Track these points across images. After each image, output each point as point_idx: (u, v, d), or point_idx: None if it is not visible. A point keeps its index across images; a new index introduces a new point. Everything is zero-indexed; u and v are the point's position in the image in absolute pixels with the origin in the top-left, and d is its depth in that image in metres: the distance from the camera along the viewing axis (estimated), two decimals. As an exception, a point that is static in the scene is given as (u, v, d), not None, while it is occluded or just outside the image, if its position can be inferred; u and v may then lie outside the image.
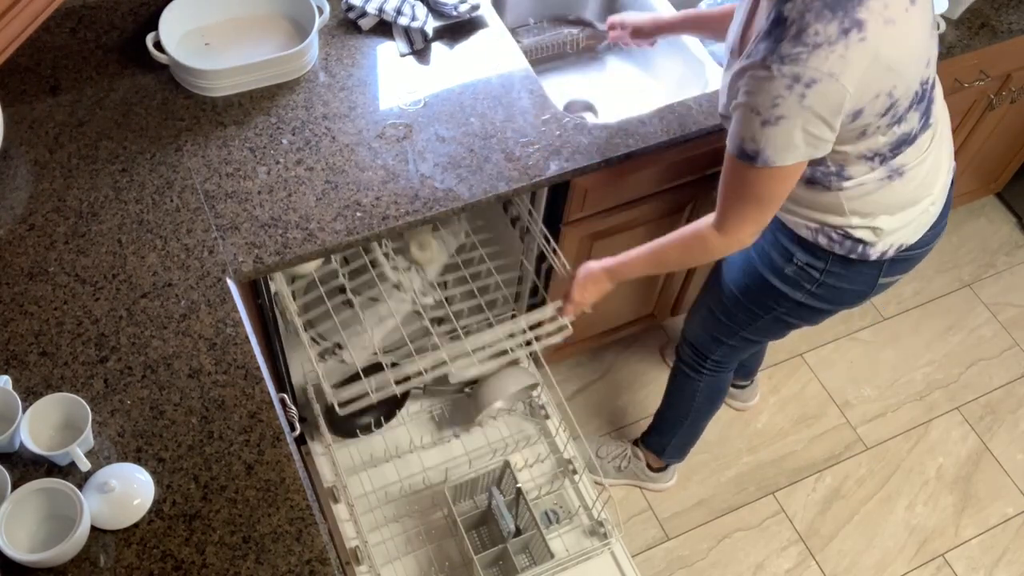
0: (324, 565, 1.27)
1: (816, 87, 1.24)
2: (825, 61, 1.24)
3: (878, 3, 1.25)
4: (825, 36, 1.23)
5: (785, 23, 1.26)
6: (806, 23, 1.24)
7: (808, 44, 1.24)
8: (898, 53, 1.29)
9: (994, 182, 2.82)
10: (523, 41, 2.20)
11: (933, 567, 2.34)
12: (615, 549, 1.97)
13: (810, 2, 1.24)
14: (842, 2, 1.24)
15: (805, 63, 1.24)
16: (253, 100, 1.75)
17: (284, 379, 1.94)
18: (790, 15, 1.25)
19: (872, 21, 1.24)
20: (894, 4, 1.27)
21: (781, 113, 1.27)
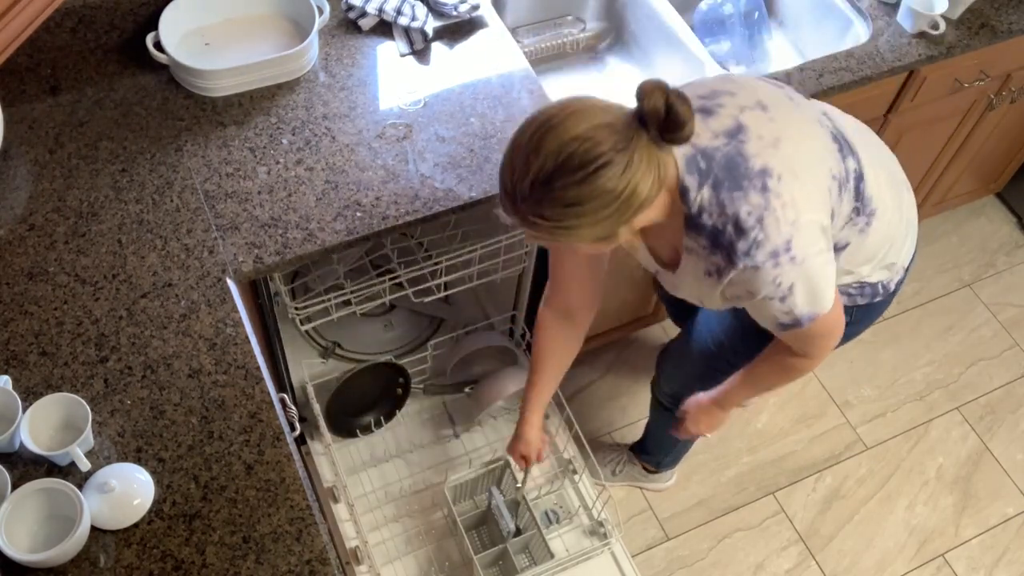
0: (324, 565, 1.27)
1: (795, 242, 1.23)
2: (779, 223, 1.21)
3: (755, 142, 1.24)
4: (757, 207, 1.21)
5: (719, 230, 1.23)
6: (734, 215, 1.21)
7: (753, 226, 1.21)
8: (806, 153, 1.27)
9: (994, 182, 2.82)
10: (523, 41, 2.20)
11: (933, 567, 2.34)
12: (615, 549, 1.97)
13: (717, 199, 1.22)
14: (737, 174, 1.22)
15: (768, 239, 1.22)
16: (253, 100, 1.75)
17: (284, 379, 1.94)
18: (714, 222, 1.23)
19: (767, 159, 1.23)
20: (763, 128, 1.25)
21: (790, 282, 1.26)
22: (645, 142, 1.11)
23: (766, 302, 1.29)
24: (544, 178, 1.11)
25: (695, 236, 1.26)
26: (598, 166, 1.09)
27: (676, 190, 1.24)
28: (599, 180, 1.10)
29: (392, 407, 2.08)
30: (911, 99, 2.12)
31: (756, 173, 1.22)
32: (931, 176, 2.53)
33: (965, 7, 2.02)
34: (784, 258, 1.23)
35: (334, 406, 1.98)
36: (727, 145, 1.23)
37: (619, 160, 1.10)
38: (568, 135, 1.10)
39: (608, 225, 1.15)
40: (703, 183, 1.22)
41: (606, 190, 1.10)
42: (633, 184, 1.11)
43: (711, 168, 1.22)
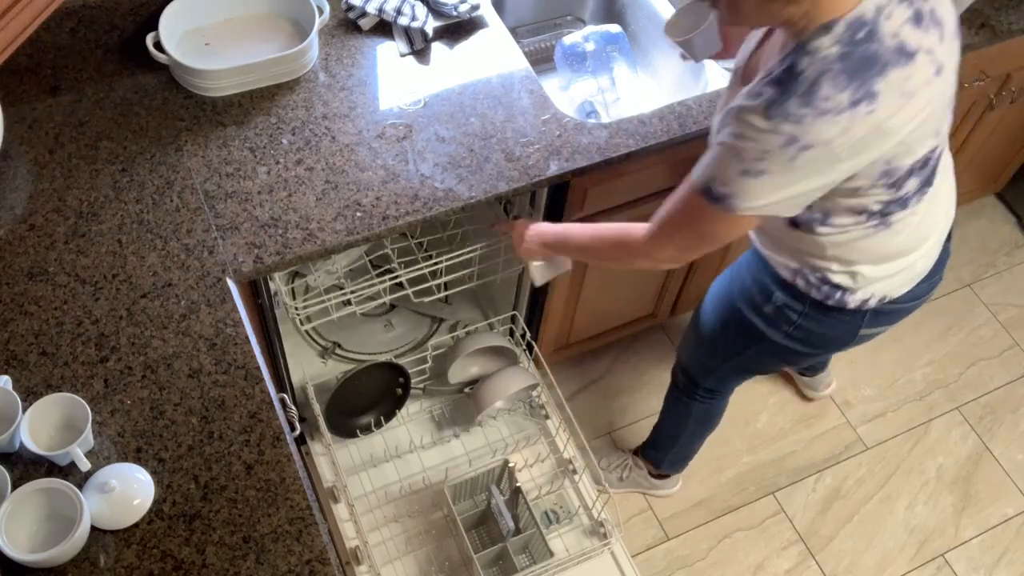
0: (324, 565, 1.27)
1: (810, 152, 1.19)
2: (826, 129, 1.18)
3: (898, 74, 1.19)
4: (834, 103, 1.17)
5: (798, 77, 1.18)
6: (818, 85, 1.17)
7: (815, 108, 1.17)
8: (909, 126, 1.23)
9: (994, 182, 2.82)
10: (523, 41, 2.20)
11: (933, 567, 2.34)
12: (615, 549, 1.97)
13: (830, 63, 1.17)
14: (862, 70, 1.17)
15: (807, 127, 1.18)
16: (253, 100, 1.75)
17: (284, 379, 1.94)
18: (806, 70, 1.18)
19: (887, 93, 1.18)
20: (916, 75, 1.21)
21: (765, 168, 1.21)
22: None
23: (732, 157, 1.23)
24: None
25: (782, 59, 1.21)
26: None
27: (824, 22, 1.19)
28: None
29: (392, 407, 2.08)
30: (911, 99, 2.11)
31: (869, 90, 1.17)
32: (931, 176, 2.53)
33: (965, 7, 2.02)
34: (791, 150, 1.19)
35: (334, 406, 1.98)
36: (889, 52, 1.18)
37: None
38: None
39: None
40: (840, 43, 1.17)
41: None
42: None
43: (859, 44, 1.17)
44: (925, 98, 1.23)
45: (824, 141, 1.19)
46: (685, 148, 1.81)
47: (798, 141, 1.19)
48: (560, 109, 1.78)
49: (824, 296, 1.50)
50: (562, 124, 1.75)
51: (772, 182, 1.23)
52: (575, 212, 1.86)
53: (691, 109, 1.80)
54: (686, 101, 1.81)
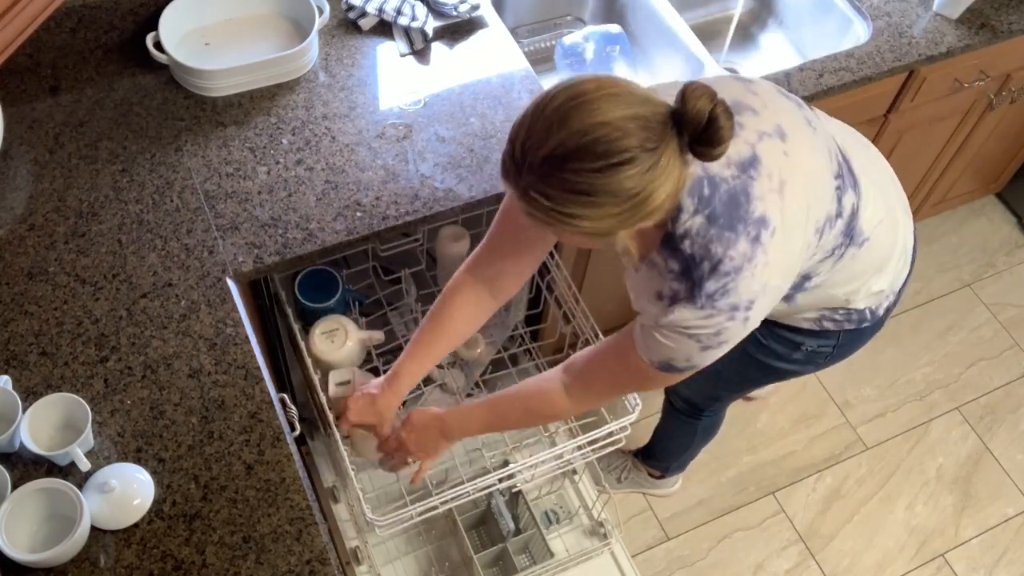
0: (324, 565, 1.27)
1: (758, 303, 1.18)
2: (753, 279, 1.16)
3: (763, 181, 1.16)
4: (741, 256, 1.15)
5: (693, 260, 1.16)
6: (716, 255, 1.15)
7: (729, 273, 1.15)
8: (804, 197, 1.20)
9: (994, 182, 2.82)
10: (523, 41, 2.20)
11: (933, 567, 2.34)
12: (615, 549, 1.97)
13: (706, 232, 1.15)
14: (735, 215, 1.15)
15: (737, 292, 1.16)
16: (253, 100, 1.75)
17: (284, 379, 1.94)
18: (693, 252, 1.16)
19: (769, 206, 1.16)
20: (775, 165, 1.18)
21: (725, 339, 1.20)
22: (675, 148, 1.03)
23: (689, 341, 1.21)
24: (560, 156, 1.01)
25: (666, 256, 1.19)
26: (621, 160, 1.00)
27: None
28: (617, 175, 1.01)
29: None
30: (911, 99, 2.12)
31: (754, 220, 1.15)
32: (931, 176, 2.53)
33: (965, 7, 2.02)
34: (740, 315, 1.18)
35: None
36: (736, 179, 1.16)
37: (644, 160, 1.01)
38: (598, 118, 1.00)
39: (611, 224, 1.06)
40: (699, 211, 1.15)
41: (622, 188, 1.01)
42: (651, 189, 1.03)
43: (713, 199, 1.15)
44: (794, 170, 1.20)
45: (760, 287, 1.17)
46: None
47: (738, 306, 1.17)
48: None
49: (858, 323, 1.50)
50: (562, 124, 1.75)
51: (732, 343, 1.22)
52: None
53: (691, 109, 1.79)
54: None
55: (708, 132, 1.01)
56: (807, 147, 1.24)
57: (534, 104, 1.06)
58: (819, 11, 2.16)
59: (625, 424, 1.63)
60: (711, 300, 1.16)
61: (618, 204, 1.03)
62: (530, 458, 1.64)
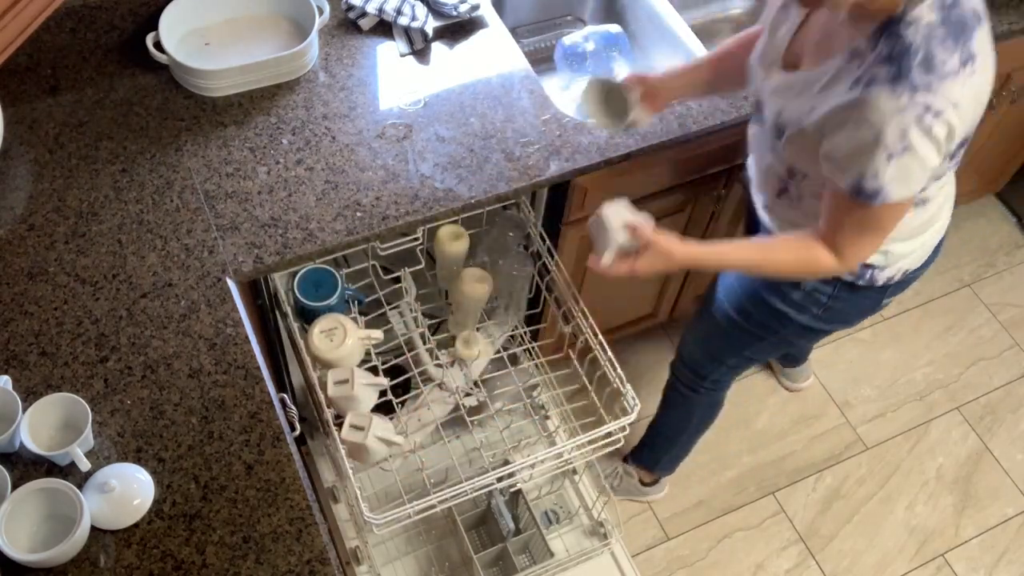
0: (324, 565, 1.27)
1: (942, 117, 1.21)
2: (953, 91, 1.21)
3: (980, 36, 1.25)
4: (951, 66, 1.20)
5: (909, 48, 1.20)
6: (932, 51, 1.20)
7: (938, 73, 1.20)
8: (986, 93, 1.29)
9: (994, 182, 2.82)
10: (523, 41, 2.20)
11: (933, 567, 2.34)
12: (615, 549, 1.97)
13: (934, 28, 1.20)
14: (960, 32, 1.22)
15: (938, 92, 1.20)
16: (253, 100, 1.75)
17: (284, 379, 1.94)
18: (913, 40, 1.20)
19: (981, 56, 1.24)
20: (987, 37, 1.27)
21: (908, 144, 1.22)
22: None
23: (874, 148, 1.22)
24: None
25: (881, 41, 1.23)
26: None
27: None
28: None
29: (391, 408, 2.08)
30: (911, 99, 2.11)
31: (969, 51, 1.22)
32: (931, 176, 2.53)
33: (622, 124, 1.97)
34: (928, 119, 1.20)
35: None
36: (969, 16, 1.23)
37: None
38: None
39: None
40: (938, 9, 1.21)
41: None
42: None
43: (952, 9, 1.21)
44: (989, 67, 1.29)
45: (954, 103, 1.21)
46: (685, 148, 1.81)
47: (931, 108, 1.20)
48: (560, 109, 1.78)
49: (856, 276, 1.53)
50: (562, 124, 1.75)
51: (915, 156, 1.23)
52: (575, 212, 1.86)
53: (691, 109, 1.80)
54: (686, 101, 1.81)
55: None
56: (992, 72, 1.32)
57: None
58: (819, 11, 2.16)
59: (624, 424, 1.63)
60: (913, 90, 1.19)
61: None
62: (529, 457, 1.64)
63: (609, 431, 1.63)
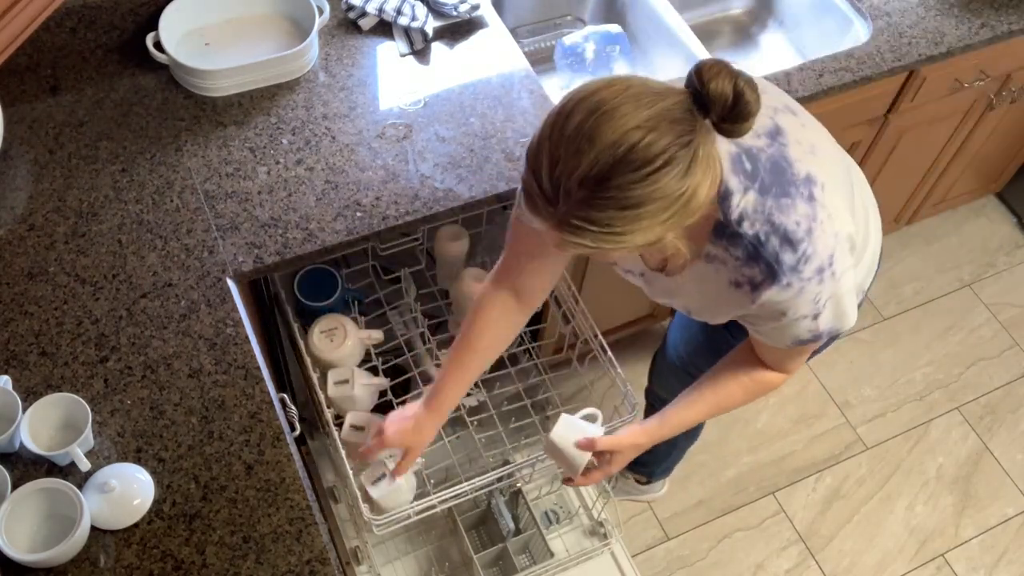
0: (324, 565, 1.27)
1: (836, 256, 1.16)
2: (825, 235, 1.14)
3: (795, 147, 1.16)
4: (806, 218, 1.13)
5: (761, 241, 1.13)
6: (782, 226, 1.12)
7: (803, 239, 1.13)
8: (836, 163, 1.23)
9: (994, 182, 2.82)
10: (523, 41, 2.20)
11: (933, 567, 2.34)
12: (615, 549, 1.97)
13: (763, 206, 1.12)
14: (784, 180, 1.13)
15: (816, 253, 1.14)
16: (253, 100, 1.75)
17: (284, 379, 1.94)
18: (757, 231, 1.13)
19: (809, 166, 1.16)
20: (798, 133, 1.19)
21: (827, 298, 1.19)
22: (706, 133, 0.98)
23: (797, 321, 1.20)
24: (599, 175, 0.94)
25: (726, 245, 1.15)
26: (662, 163, 0.94)
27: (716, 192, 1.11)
28: (663, 179, 0.95)
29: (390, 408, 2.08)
30: (911, 99, 2.12)
31: (802, 180, 1.14)
32: (931, 176, 2.53)
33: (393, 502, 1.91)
34: (827, 273, 1.16)
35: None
36: (770, 147, 1.14)
37: (683, 155, 0.95)
38: (627, 124, 0.94)
39: (661, 231, 1.00)
40: (749, 187, 1.11)
41: (669, 190, 0.95)
42: (695, 182, 0.97)
43: (757, 170, 1.12)
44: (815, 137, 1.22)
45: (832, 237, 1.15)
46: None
47: (824, 267, 1.15)
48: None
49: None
50: (562, 124, 1.75)
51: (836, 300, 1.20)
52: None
53: (691, 109, 1.79)
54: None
55: (736, 109, 0.97)
56: (815, 125, 1.26)
57: (550, 126, 0.98)
58: (819, 11, 2.16)
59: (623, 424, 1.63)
60: (796, 272, 1.14)
61: (667, 208, 0.97)
62: (529, 457, 1.64)
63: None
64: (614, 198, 0.95)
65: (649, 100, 0.96)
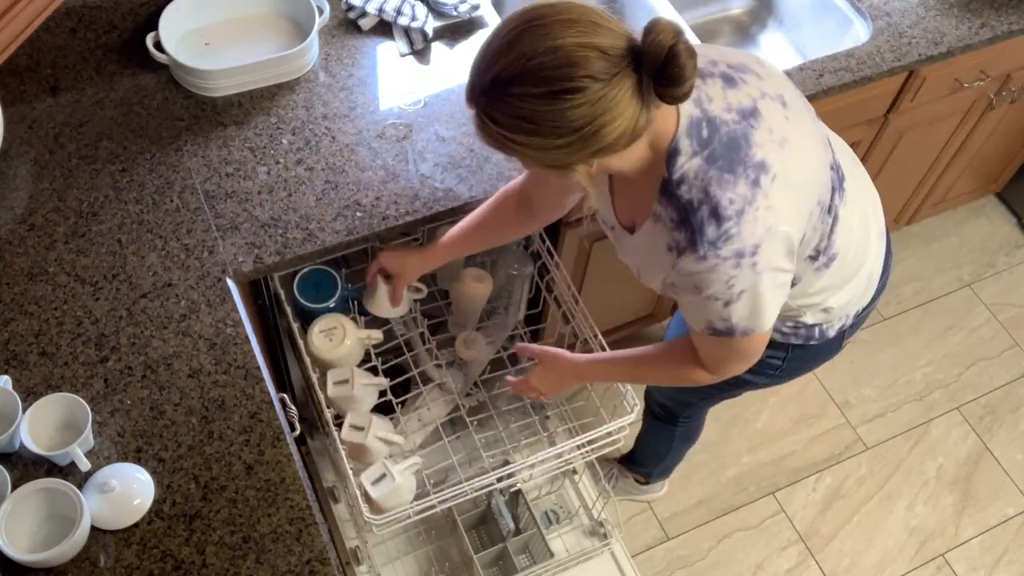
0: (324, 565, 1.27)
1: (763, 248, 1.15)
2: (756, 223, 1.13)
3: (764, 132, 1.15)
4: (741, 199, 1.13)
5: (691, 205, 1.14)
6: (715, 198, 1.12)
7: (731, 217, 1.13)
8: (805, 166, 1.21)
9: (994, 182, 2.82)
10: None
11: (933, 567, 2.34)
12: (615, 549, 1.97)
13: (704, 175, 1.13)
14: (735, 157, 1.13)
15: (740, 236, 1.13)
16: (253, 100, 1.75)
17: (284, 379, 1.94)
18: (691, 197, 1.14)
19: (769, 154, 1.15)
20: (776, 123, 1.18)
21: (741, 288, 1.18)
22: (630, 84, 1.00)
23: (709, 301, 1.20)
24: (505, 79, 1.01)
25: (665, 205, 1.17)
26: (565, 88, 0.98)
27: (664, 149, 1.14)
28: (561, 104, 0.98)
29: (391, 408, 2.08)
30: (911, 99, 2.12)
31: (754, 164, 1.14)
32: (931, 176, 2.53)
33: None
34: (747, 261, 1.15)
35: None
36: (737, 124, 1.14)
37: (593, 90, 0.98)
38: (547, 43, 0.98)
39: (559, 156, 1.05)
40: (698, 152, 1.13)
41: (565, 118, 0.99)
42: (599, 123, 1.00)
43: (712, 140, 1.13)
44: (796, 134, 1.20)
45: (764, 231, 1.14)
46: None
47: (745, 252, 1.14)
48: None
49: (805, 339, 1.49)
50: (562, 124, 1.75)
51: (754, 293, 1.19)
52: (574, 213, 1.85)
53: (691, 109, 1.80)
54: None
55: (668, 69, 0.98)
56: (805, 124, 1.23)
57: (496, 28, 1.06)
58: (819, 11, 2.16)
59: (623, 424, 1.63)
60: (713, 248, 1.14)
61: (562, 136, 1.01)
62: (529, 458, 1.64)
63: (609, 431, 1.63)
64: (512, 105, 1.01)
65: (584, 30, 0.99)
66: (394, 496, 1.55)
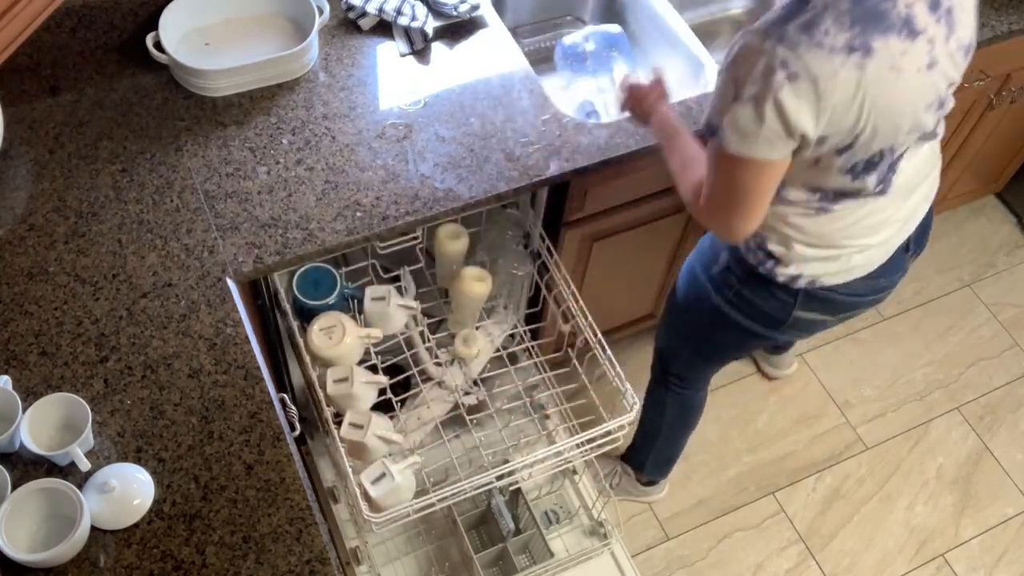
0: (324, 565, 1.27)
1: (796, 83, 1.18)
2: (817, 64, 1.17)
3: (897, 44, 1.20)
4: (832, 41, 1.17)
5: (807, 5, 1.19)
6: (822, 18, 1.18)
7: (812, 38, 1.17)
8: (883, 103, 1.23)
9: (994, 182, 2.82)
10: (523, 41, 2.20)
11: (933, 567, 2.34)
12: (615, 549, 1.97)
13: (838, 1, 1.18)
14: (867, 20, 1.18)
15: (799, 54, 1.17)
16: (253, 100, 1.75)
17: (284, 379, 1.94)
18: (815, 4, 1.19)
19: (880, 55, 1.19)
20: (911, 56, 1.21)
21: (753, 92, 1.21)
22: None
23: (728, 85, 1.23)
24: None
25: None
26: None
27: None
28: None
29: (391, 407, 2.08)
30: (911, 99, 2.11)
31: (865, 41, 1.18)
32: (931, 176, 2.53)
33: None
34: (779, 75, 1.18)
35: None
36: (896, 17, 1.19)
37: None
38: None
39: None
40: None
41: None
42: None
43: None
44: (908, 83, 1.23)
45: (812, 75, 1.18)
46: (685, 148, 1.81)
47: (787, 65, 1.18)
48: (560, 109, 1.78)
49: (757, 262, 1.53)
50: (562, 124, 1.75)
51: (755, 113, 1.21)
52: (575, 212, 1.86)
53: (691, 109, 1.80)
54: (686, 101, 1.81)
55: None
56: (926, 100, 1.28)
57: None
58: (819, 11, 2.16)
59: (623, 423, 1.63)
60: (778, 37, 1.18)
61: None
62: (528, 456, 1.64)
63: (608, 429, 1.63)
64: None
65: None
66: (393, 495, 1.55)
